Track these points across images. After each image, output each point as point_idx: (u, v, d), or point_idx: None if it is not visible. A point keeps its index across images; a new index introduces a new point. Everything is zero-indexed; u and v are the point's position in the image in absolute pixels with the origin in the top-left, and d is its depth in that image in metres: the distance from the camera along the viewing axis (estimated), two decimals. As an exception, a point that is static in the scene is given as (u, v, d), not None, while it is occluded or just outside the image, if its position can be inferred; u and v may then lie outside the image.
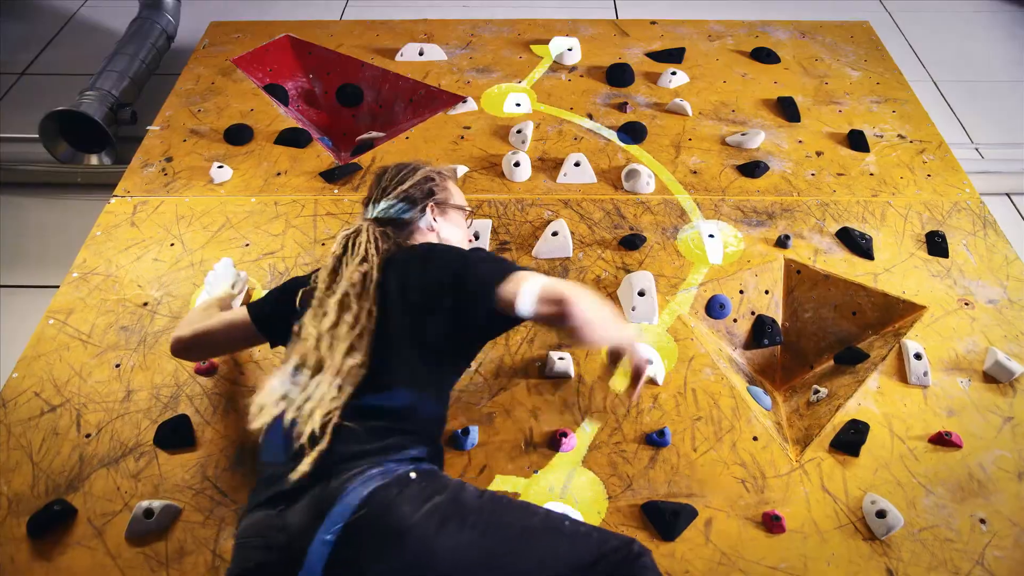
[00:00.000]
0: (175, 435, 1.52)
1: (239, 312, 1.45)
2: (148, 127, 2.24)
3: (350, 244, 1.33)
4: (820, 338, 1.82)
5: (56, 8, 3.40)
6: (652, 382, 1.61)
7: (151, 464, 1.49)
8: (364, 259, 1.30)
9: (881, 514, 1.38)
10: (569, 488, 1.45)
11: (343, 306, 1.24)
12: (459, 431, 1.51)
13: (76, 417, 1.56)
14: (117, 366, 1.65)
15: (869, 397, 1.60)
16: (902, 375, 1.64)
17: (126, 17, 2.94)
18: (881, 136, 2.22)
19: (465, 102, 2.32)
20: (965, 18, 3.39)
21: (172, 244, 1.91)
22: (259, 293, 1.79)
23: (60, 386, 1.61)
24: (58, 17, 3.34)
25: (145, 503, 1.40)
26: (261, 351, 1.67)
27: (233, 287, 1.70)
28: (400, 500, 1.07)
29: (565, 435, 1.51)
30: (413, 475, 1.11)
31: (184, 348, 1.47)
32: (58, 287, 1.81)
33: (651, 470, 1.48)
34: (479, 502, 1.12)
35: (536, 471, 1.48)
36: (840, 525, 1.40)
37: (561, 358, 1.62)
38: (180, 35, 3.02)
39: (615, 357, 1.24)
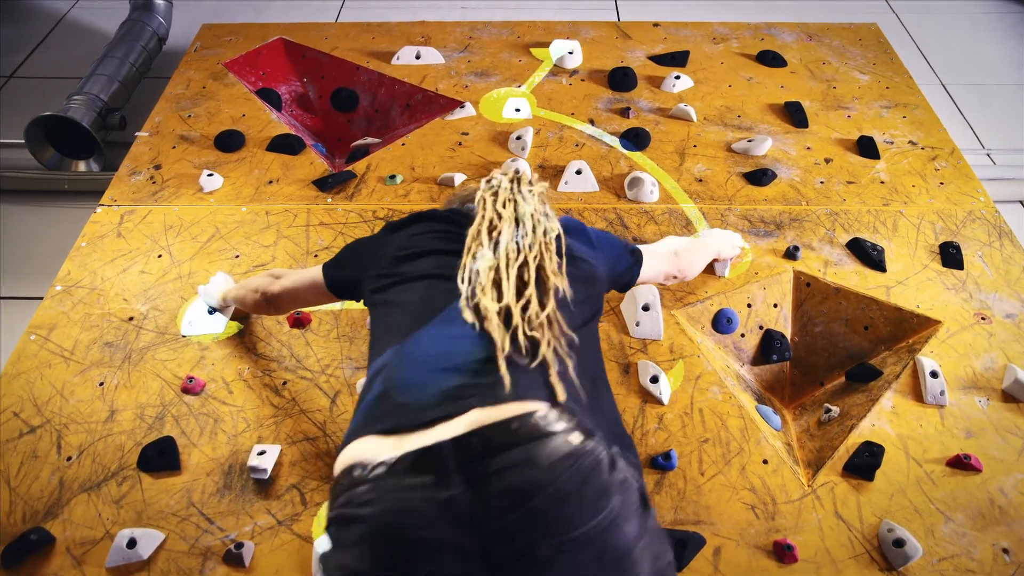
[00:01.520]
0: (160, 458, 1.46)
1: (316, 272, 1.40)
2: (137, 133, 2.18)
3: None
4: (831, 354, 1.75)
5: (45, 10, 3.33)
6: (657, 402, 1.55)
7: (134, 489, 1.42)
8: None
9: (899, 543, 1.32)
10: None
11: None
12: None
13: (57, 439, 1.50)
14: (101, 384, 1.58)
15: (883, 417, 1.53)
16: (917, 394, 1.57)
17: (117, 19, 2.87)
18: (891, 142, 2.16)
19: (463, 107, 2.25)
20: (974, 19, 3.32)
21: (160, 255, 1.84)
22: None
23: (40, 406, 1.55)
24: (47, 19, 3.27)
25: (127, 531, 1.34)
26: (250, 368, 1.61)
27: (225, 300, 1.66)
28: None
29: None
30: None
31: (269, 302, 1.49)
32: (42, 299, 1.74)
33: (657, 495, 1.42)
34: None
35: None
36: (855, 554, 1.34)
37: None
38: (172, 37, 2.96)
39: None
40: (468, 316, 0.99)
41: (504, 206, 1.10)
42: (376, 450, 0.89)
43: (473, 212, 1.15)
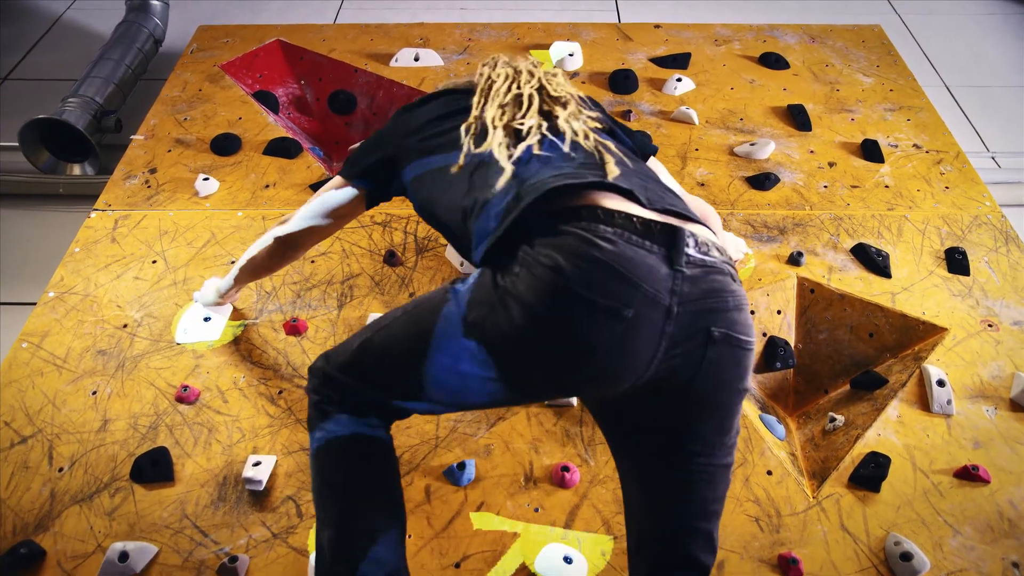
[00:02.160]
0: (153, 469, 1.43)
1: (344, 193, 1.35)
2: (132, 136, 2.15)
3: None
4: (835, 361, 1.72)
5: (41, 11, 3.30)
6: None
7: (127, 501, 1.40)
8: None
9: (906, 556, 1.29)
10: (572, 527, 1.36)
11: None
12: (455, 465, 1.42)
13: (48, 449, 1.47)
14: (93, 393, 1.56)
15: (889, 427, 1.51)
16: (923, 403, 1.55)
17: (113, 20, 2.84)
18: (896, 146, 2.13)
19: (462, 110, 2.22)
20: (977, 21, 3.30)
21: (154, 261, 1.82)
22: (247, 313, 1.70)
23: (32, 415, 1.52)
24: (43, 20, 3.25)
25: (120, 544, 1.31)
26: (246, 377, 1.58)
27: (222, 296, 1.65)
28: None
29: (567, 469, 1.42)
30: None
31: (286, 243, 1.42)
32: (32, 305, 1.72)
33: (659, 507, 1.39)
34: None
35: (537, 509, 1.39)
36: (861, 568, 1.31)
37: (563, 385, 1.53)
38: (168, 39, 2.93)
39: None
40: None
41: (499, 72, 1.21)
42: (619, 205, 0.96)
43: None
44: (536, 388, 1.02)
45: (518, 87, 1.18)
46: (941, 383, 1.55)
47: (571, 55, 2.39)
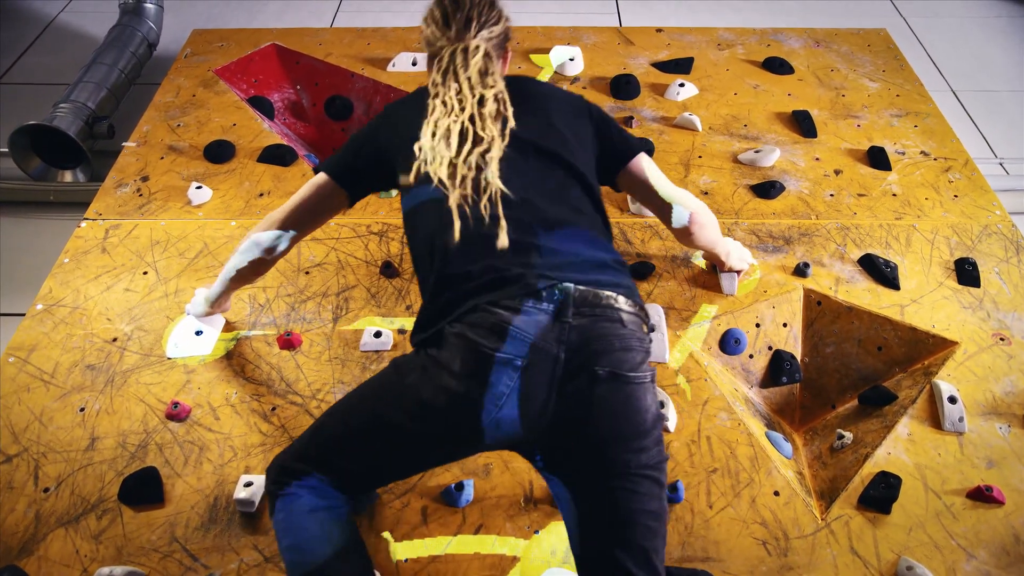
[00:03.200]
0: (142, 490, 1.39)
1: (319, 179, 1.40)
2: (124, 143, 2.11)
3: (459, 60, 1.25)
4: (843, 375, 1.68)
5: (34, 13, 3.25)
6: (663, 429, 1.48)
7: (114, 523, 1.36)
8: (486, 74, 1.24)
9: (918, 583, 1.25)
10: (573, 551, 1.32)
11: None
12: (452, 486, 1.38)
13: (34, 469, 1.43)
14: (81, 410, 1.52)
15: (899, 445, 1.47)
16: (934, 420, 1.50)
17: (107, 23, 2.80)
18: (903, 153, 2.09)
19: (461, 116, 2.18)
20: (983, 24, 3.25)
21: (145, 272, 1.78)
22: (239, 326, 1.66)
23: (18, 433, 1.48)
24: (36, 23, 3.20)
25: (106, 569, 1.27)
26: (238, 393, 1.54)
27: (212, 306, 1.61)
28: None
29: (569, 490, 1.37)
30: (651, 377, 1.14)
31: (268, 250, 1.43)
32: (22, 316, 1.67)
33: (663, 529, 1.35)
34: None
35: (537, 531, 1.34)
36: (873, 594, 1.27)
37: (564, 402, 1.49)
38: (162, 43, 2.89)
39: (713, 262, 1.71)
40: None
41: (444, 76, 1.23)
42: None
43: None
44: (452, 439, 1.13)
45: (451, 119, 1.20)
46: (952, 400, 1.51)
47: (572, 60, 2.35)
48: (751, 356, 1.68)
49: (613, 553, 1.06)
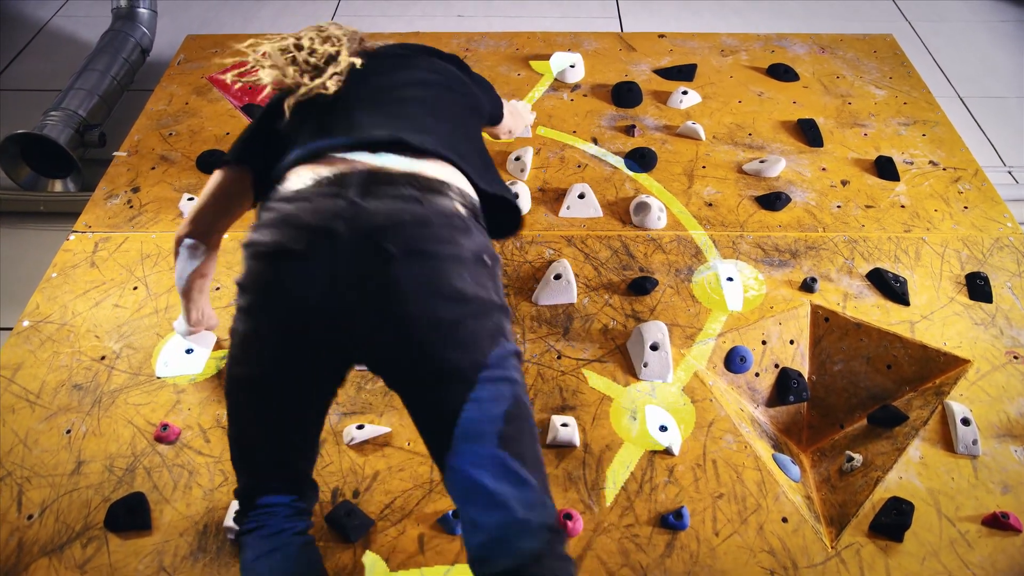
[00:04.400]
0: (129, 516, 1.34)
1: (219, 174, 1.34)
2: (114, 153, 2.06)
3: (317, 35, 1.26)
4: (851, 394, 1.64)
5: (26, 19, 3.20)
6: (667, 452, 1.43)
7: (100, 551, 1.31)
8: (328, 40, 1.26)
9: (933, 616, 1.20)
10: (575, 581, 1.27)
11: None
12: (450, 513, 1.33)
13: (17, 494, 1.38)
14: (67, 432, 1.47)
15: (911, 469, 1.42)
16: (947, 442, 1.46)
17: (99, 28, 2.75)
18: (911, 163, 2.05)
19: (459, 125, 2.13)
20: (990, 29, 3.21)
21: (135, 287, 1.73)
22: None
23: (1, 456, 1.43)
24: (28, 28, 3.15)
25: (90, 601, 1.23)
26: (229, 414, 1.49)
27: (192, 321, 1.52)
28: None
29: (570, 517, 1.33)
30: (488, 260, 1.07)
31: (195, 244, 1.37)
32: (10, 330, 1.63)
33: (668, 559, 1.30)
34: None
35: (537, 561, 1.30)
36: (885, 627, 1.23)
37: (564, 424, 1.45)
38: (156, 48, 2.84)
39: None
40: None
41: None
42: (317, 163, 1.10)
43: None
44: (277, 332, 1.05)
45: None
46: (966, 421, 1.46)
47: (572, 67, 2.31)
48: (757, 374, 1.63)
49: (466, 471, 0.97)
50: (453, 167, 1.14)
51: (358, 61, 1.22)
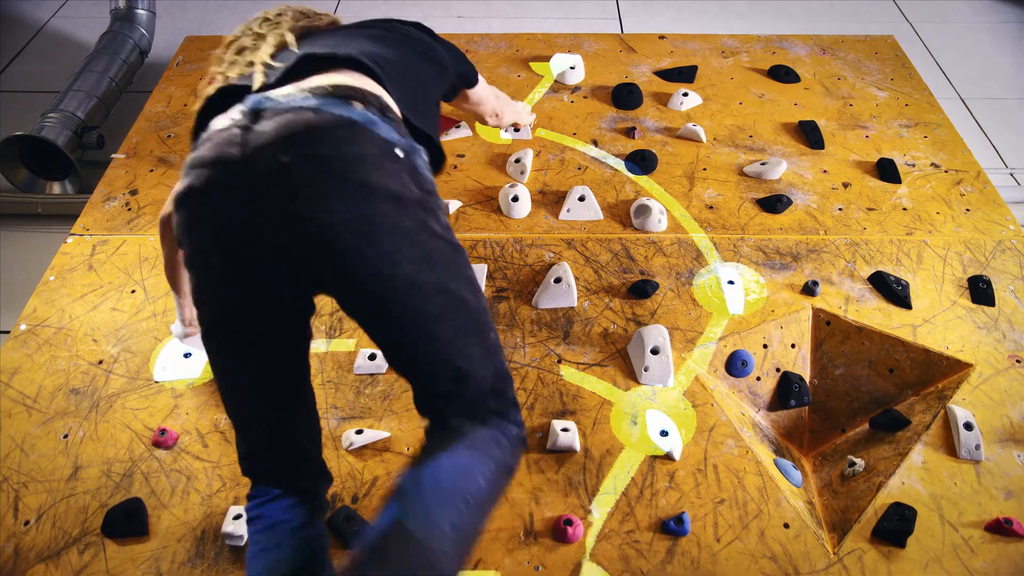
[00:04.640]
0: (126, 522, 1.34)
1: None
2: (113, 155, 2.05)
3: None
4: (853, 398, 1.63)
5: (24, 20, 3.19)
6: (668, 457, 1.43)
7: (97, 558, 1.30)
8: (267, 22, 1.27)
9: (936, 623, 1.20)
10: (575, 587, 1.27)
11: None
12: (449, 519, 1.32)
13: (14, 500, 1.37)
14: (65, 437, 1.46)
15: (914, 474, 1.41)
16: (949, 447, 1.45)
17: (97, 30, 2.74)
18: (913, 165, 2.04)
19: (459, 126, 2.13)
20: (992, 30, 3.19)
21: (133, 291, 1.72)
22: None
23: (-2, 462, 1.42)
24: (26, 29, 3.14)
25: (87, 608, 1.22)
26: (227, 418, 1.48)
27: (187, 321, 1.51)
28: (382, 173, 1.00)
29: (570, 523, 1.32)
30: (400, 153, 1.04)
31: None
32: (8, 333, 1.62)
33: (669, 564, 1.30)
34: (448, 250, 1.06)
35: (538, 567, 1.29)
36: (888, 635, 1.22)
37: (565, 429, 1.44)
38: (155, 50, 2.83)
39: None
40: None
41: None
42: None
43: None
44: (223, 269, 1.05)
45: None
46: (968, 426, 1.45)
47: (572, 68, 2.30)
48: (758, 378, 1.62)
49: (433, 389, 1.02)
50: (373, 80, 1.14)
51: (291, 38, 1.22)
